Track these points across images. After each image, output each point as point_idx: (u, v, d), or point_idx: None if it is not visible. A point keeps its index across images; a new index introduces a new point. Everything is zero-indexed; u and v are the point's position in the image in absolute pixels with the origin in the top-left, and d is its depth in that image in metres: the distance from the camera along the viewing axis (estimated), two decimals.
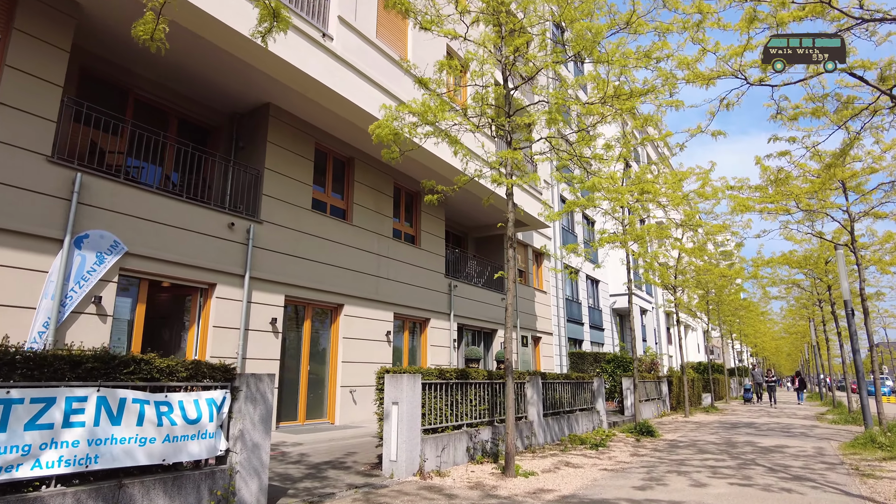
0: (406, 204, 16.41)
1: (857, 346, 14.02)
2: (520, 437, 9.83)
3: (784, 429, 14.72)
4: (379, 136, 7.88)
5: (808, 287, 23.66)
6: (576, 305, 27.81)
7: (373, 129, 7.46)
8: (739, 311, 31.73)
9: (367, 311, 13.79)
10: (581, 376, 13.43)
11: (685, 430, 13.91)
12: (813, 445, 10.97)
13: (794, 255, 17.91)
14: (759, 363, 65.05)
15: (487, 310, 19.07)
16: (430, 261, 16.50)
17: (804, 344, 48.61)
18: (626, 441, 11.46)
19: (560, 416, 11.74)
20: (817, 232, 13.17)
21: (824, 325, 24.38)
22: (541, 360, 22.74)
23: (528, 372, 10.85)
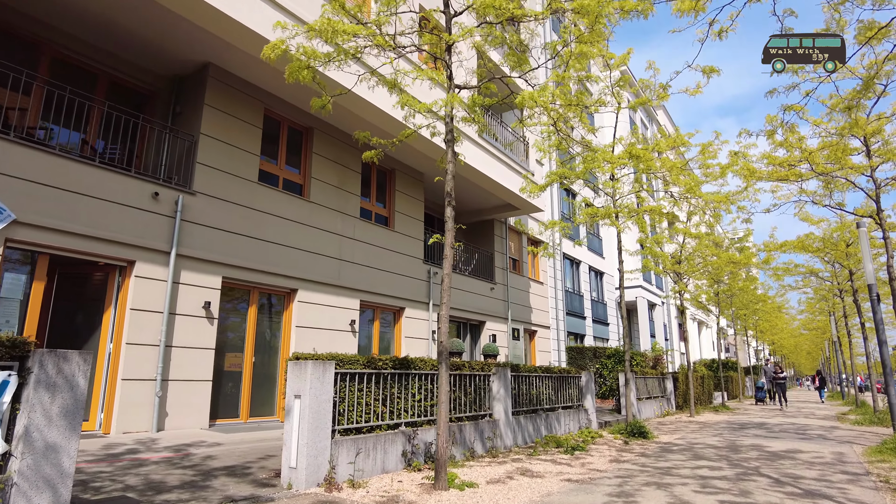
0: (378, 182, 14.97)
1: (883, 338, 12.31)
2: (479, 440, 8.33)
3: (799, 430, 13.04)
4: (292, 74, 6.45)
5: (827, 276, 21.83)
6: (577, 298, 26.19)
7: (266, 53, 6.01)
8: (754, 304, 29.83)
9: (327, 298, 12.37)
10: (566, 370, 11.89)
11: (685, 432, 12.30)
12: (832, 450, 9.33)
13: (810, 238, 16.18)
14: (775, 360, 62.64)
15: (474, 300, 17.57)
16: (406, 245, 15.05)
17: (825, 341, 46.38)
18: (611, 444, 9.91)
19: (537, 414, 10.22)
20: (836, 203, 11.50)
21: (846, 318, 22.52)
22: (536, 355, 21.18)
23: (496, 363, 9.35)
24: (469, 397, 8.45)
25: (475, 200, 18.36)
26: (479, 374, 8.75)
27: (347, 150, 13.54)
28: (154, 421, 8.90)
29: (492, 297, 18.52)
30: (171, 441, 8.14)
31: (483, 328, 18.07)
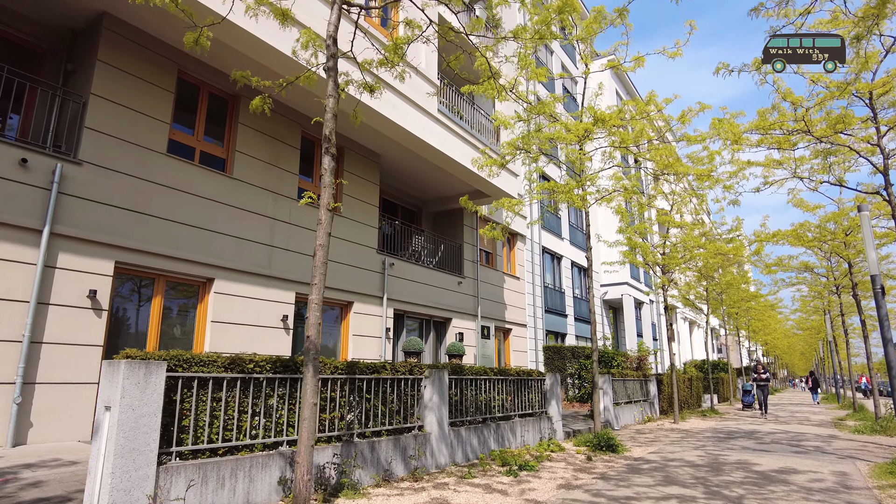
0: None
1: (889, 336, 10.81)
2: (401, 458, 6.76)
3: (794, 440, 11.53)
4: None
5: (822, 272, 20.36)
6: (558, 295, 24.66)
7: None
8: (746, 302, 28.38)
9: (254, 289, 10.78)
10: (527, 371, 10.36)
11: (664, 443, 10.77)
12: (832, 469, 7.81)
13: (805, 227, 14.70)
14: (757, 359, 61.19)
15: (439, 295, 16.01)
16: (357, 232, 13.47)
17: (819, 341, 45.05)
18: (571, 459, 8.36)
19: (486, 424, 8.66)
20: (837, 179, 9.99)
21: (843, 316, 21.06)
22: (510, 355, 19.63)
23: (430, 364, 7.79)
24: (389, 406, 6.88)
25: (441, 186, 16.81)
26: (405, 377, 7.18)
27: (283, 123, 11.97)
28: (10, 433, 7.29)
29: (459, 292, 16.96)
30: (13, 460, 6.53)
31: (449, 326, 16.50)
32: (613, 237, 18.69)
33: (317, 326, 4.81)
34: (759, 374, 20.59)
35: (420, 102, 13.40)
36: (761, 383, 20.36)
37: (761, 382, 20.35)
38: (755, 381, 20.66)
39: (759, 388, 20.35)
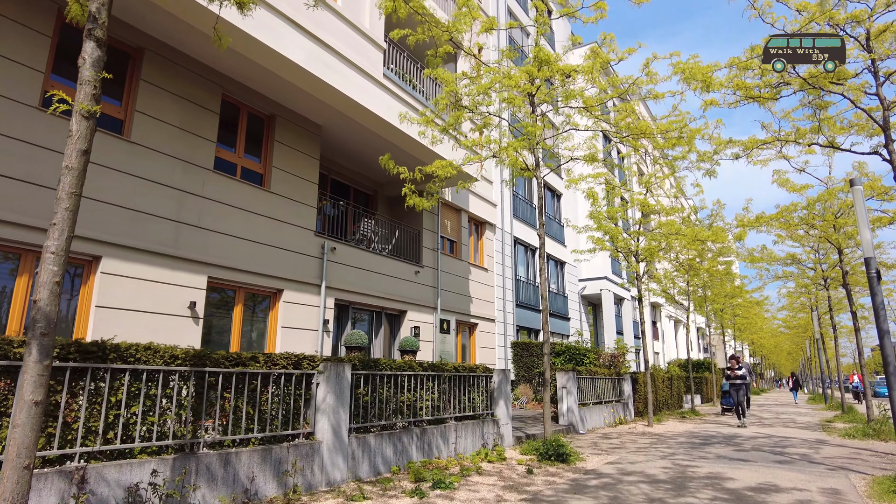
0: (251, 129, 11.84)
1: (885, 326, 9.45)
2: (272, 475, 5.26)
3: (777, 446, 10.16)
4: None
5: (810, 265, 19.08)
6: (531, 289, 23.26)
7: None
8: (730, 298, 27.13)
9: (154, 271, 9.23)
10: (469, 367, 8.90)
11: (628, 450, 9.35)
12: (822, 486, 6.40)
13: (791, 209, 13.36)
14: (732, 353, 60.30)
15: (393, 285, 14.52)
16: (290, 211, 11.94)
17: (805, 340, 44.02)
18: (507, 473, 6.90)
19: (407, 430, 7.18)
20: (828, 140, 8.58)
21: (831, 311, 19.78)
22: (476, 352, 18.17)
23: (325, 357, 6.30)
24: (261, 408, 5.38)
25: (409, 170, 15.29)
26: (287, 373, 5.68)
27: (200, 85, 10.43)
28: None
29: (417, 282, 15.47)
30: None
31: (403, 319, 15.01)
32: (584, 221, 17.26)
33: (52, 287, 3.29)
34: (732, 371, 15.86)
35: (364, 66, 11.91)
36: (736, 382, 15.57)
37: (736, 381, 15.57)
38: (729, 380, 16.00)
39: (734, 387, 15.51)
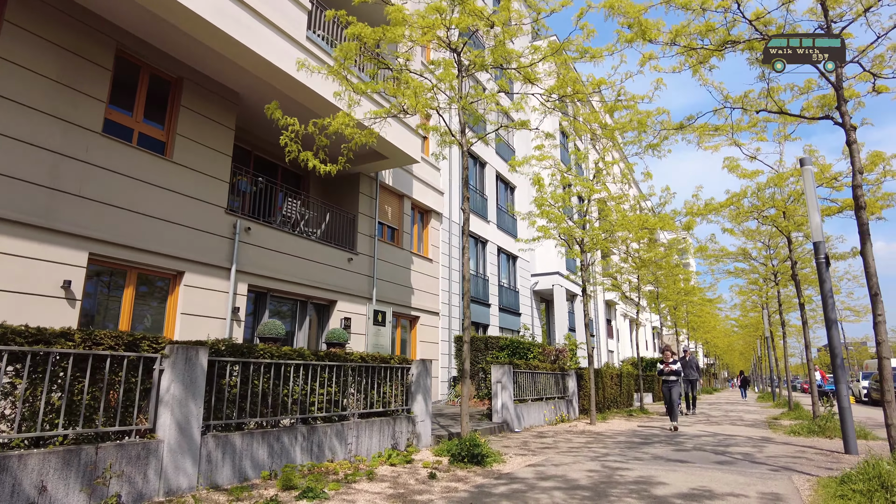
0: (152, 92, 10.53)
1: (833, 315, 8.82)
2: (78, 485, 4.10)
3: (720, 445, 9.43)
4: None
5: (761, 260, 18.71)
6: (481, 282, 22.35)
7: None
8: (684, 296, 26.82)
9: (19, 244, 7.90)
10: (381, 357, 7.86)
11: (559, 451, 8.45)
12: (762, 490, 5.58)
13: (742, 195, 12.77)
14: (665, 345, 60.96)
15: (322, 272, 13.36)
16: (197, 185, 10.68)
17: (757, 339, 44.50)
18: (404, 479, 5.88)
19: (292, 428, 6.09)
20: (777, 105, 7.80)
21: (780, 306, 19.47)
22: (417, 346, 17.14)
23: (173, 341, 5.17)
24: (74, 398, 4.23)
25: (332, 146, 14.13)
26: (118, 355, 4.53)
27: (87, 36, 9.10)
28: None
29: (350, 270, 14.35)
30: None
31: (333, 310, 13.86)
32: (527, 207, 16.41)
33: None
34: (665, 365, 13.10)
35: (283, 26, 10.74)
36: (670, 378, 12.98)
37: (669, 378, 12.98)
38: (662, 376, 13.28)
39: (667, 384, 13.08)
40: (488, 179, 24.03)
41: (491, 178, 24.29)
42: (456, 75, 8.09)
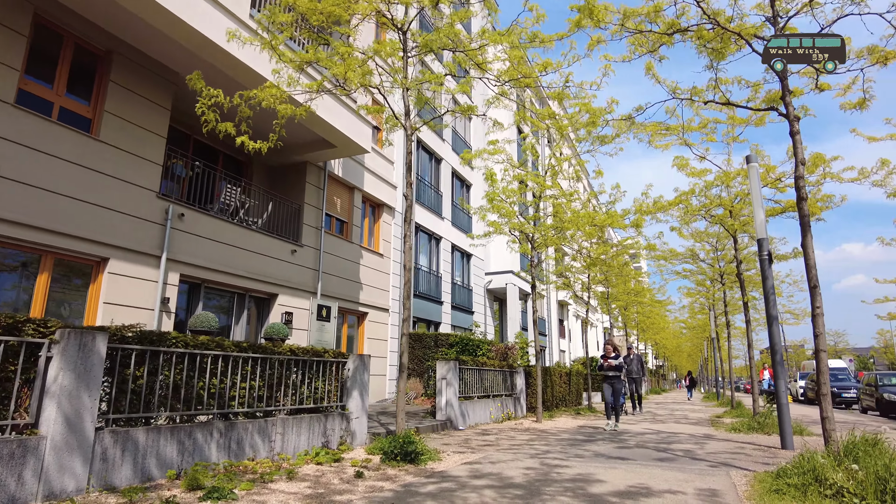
0: (77, 65, 9.79)
1: (774, 312, 8.85)
2: None
3: (663, 443, 9.36)
4: None
5: (709, 262, 19.01)
6: (433, 279, 22.04)
7: None
8: (634, 297, 27.15)
9: None
10: (314, 351, 7.43)
11: (499, 448, 8.19)
12: (700, 486, 5.42)
13: (691, 193, 12.83)
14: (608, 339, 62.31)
15: (262, 264, 12.77)
16: (125, 166, 9.99)
17: (704, 341, 45.66)
18: (327, 478, 5.48)
19: (207, 425, 5.61)
20: (723, 97, 7.70)
21: (726, 306, 19.84)
22: (365, 343, 16.68)
23: (66, 324, 4.63)
24: None
25: (294, 136, 13.53)
26: None
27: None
28: None
29: (293, 262, 13.79)
30: None
31: (274, 303, 13.28)
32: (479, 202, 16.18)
33: None
34: (605, 360, 12.04)
35: (223, 1, 10.15)
36: (610, 374, 11.92)
37: (609, 373, 11.92)
38: (600, 370, 12.26)
39: (607, 381, 11.97)
40: (443, 176, 23.74)
41: (446, 175, 24.01)
42: (401, 56, 7.72)
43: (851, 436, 5.48)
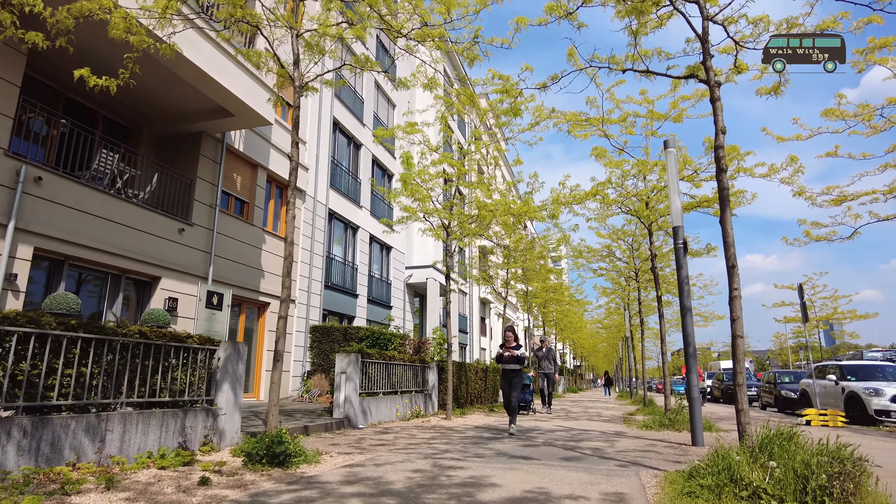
0: None
1: (688, 303, 8.49)
2: None
3: (572, 440, 8.81)
4: None
5: (625, 258, 19.00)
6: (348, 270, 20.90)
7: None
8: (551, 294, 27.10)
9: None
10: (175, 335, 6.26)
11: (392, 448, 7.32)
12: (605, 489, 4.76)
13: (608, 184, 12.49)
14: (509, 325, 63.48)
15: (141, 241, 11.28)
16: None
17: (619, 341, 46.83)
18: (159, 486, 4.42)
19: (6, 422, 4.38)
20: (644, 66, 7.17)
21: (640, 304, 19.93)
22: (265, 336, 15.35)
23: None
24: None
25: (170, 97, 12.08)
26: None
27: None
28: None
29: (181, 243, 12.34)
30: None
31: (156, 287, 11.79)
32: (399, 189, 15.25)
33: None
34: (505, 349, 9.76)
35: None
36: (510, 367, 9.71)
37: (509, 367, 9.73)
38: (498, 361, 9.95)
39: (507, 375, 9.80)
40: (363, 163, 22.64)
41: (366, 162, 22.92)
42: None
43: (766, 430, 5.00)
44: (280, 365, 6.26)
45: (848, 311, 28.16)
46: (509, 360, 9.77)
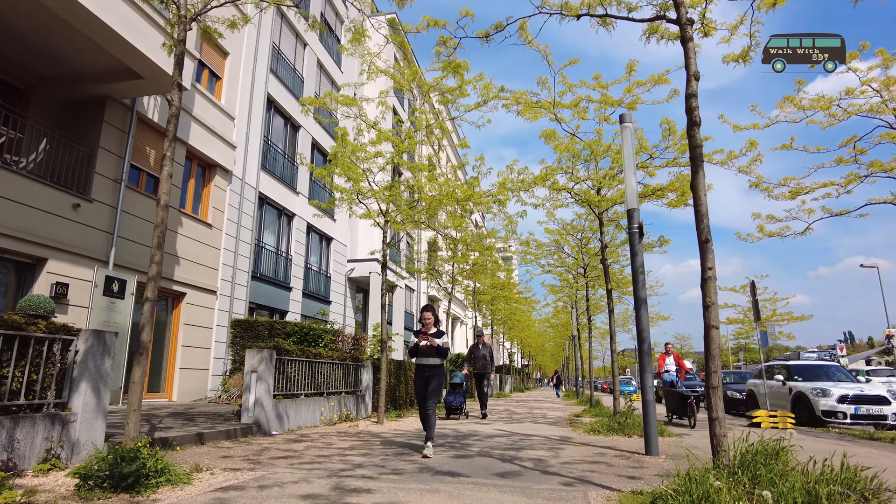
0: None
1: (643, 294, 7.62)
2: None
3: (512, 448, 7.80)
4: None
5: (573, 254, 18.27)
6: (282, 261, 19.41)
7: None
8: (499, 290, 26.29)
9: None
10: (10, 321, 4.86)
11: (293, 462, 6.10)
12: None
13: (558, 170, 11.61)
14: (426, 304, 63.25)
15: (24, 216, 9.63)
16: None
17: (566, 340, 46.64)
18: None
19: None
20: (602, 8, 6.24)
21: (588, 301, 19.25)
22: (180, 330, 13.77)
23: None
24: None
25: (69, 54, 10.43)
26: None
27: None
28: None
29: (75, 220, 10.70)
30: None
31: (41, 270, 10.14)
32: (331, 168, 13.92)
33: None
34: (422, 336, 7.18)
35: None
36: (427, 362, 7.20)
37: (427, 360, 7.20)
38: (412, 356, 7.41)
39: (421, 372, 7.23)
40: (301, 146, 21.15)
41: (305, 146, 21.44)
42: None
43: (743, 443, 4.06)
44: (143, 359, 4.95)
45: (785, 312, 28.57)
46: (426, 353, 7.14)
